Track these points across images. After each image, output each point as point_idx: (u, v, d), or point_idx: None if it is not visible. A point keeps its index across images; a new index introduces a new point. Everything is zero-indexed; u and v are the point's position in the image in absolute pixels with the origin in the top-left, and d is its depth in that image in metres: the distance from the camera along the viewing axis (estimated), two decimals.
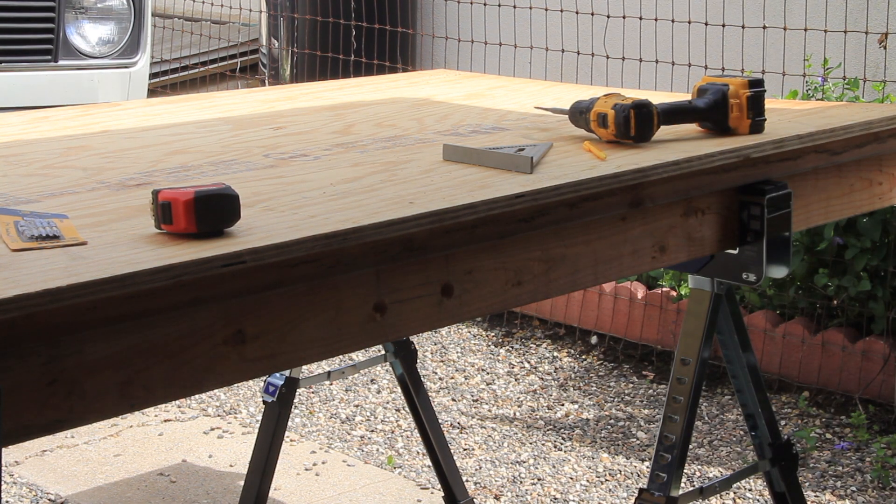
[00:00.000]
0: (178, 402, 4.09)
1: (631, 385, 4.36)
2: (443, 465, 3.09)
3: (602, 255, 1.91)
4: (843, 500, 3.50)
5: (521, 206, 1.74)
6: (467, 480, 3.57)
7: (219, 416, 4.05)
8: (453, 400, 4.23)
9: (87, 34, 4.77)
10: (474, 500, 3.34)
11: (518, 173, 1.87)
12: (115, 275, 1.35)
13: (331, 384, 4.32)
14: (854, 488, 3.56)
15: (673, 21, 4.77)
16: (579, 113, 2.15)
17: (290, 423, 3.64)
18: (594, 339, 4.70)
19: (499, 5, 5.40)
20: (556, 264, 1.84)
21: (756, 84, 2.16)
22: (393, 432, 3.95)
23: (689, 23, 4.75)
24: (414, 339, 3.35)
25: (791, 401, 4.13)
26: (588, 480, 3.62)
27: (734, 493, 3.52)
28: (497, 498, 3.51)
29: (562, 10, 5.33)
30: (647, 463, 3.72)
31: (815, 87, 4.36)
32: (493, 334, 4.88)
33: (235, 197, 1.54)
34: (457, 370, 4.52)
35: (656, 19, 4.85)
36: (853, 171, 2.33)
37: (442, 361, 4.60)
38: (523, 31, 5.46)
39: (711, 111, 2.15)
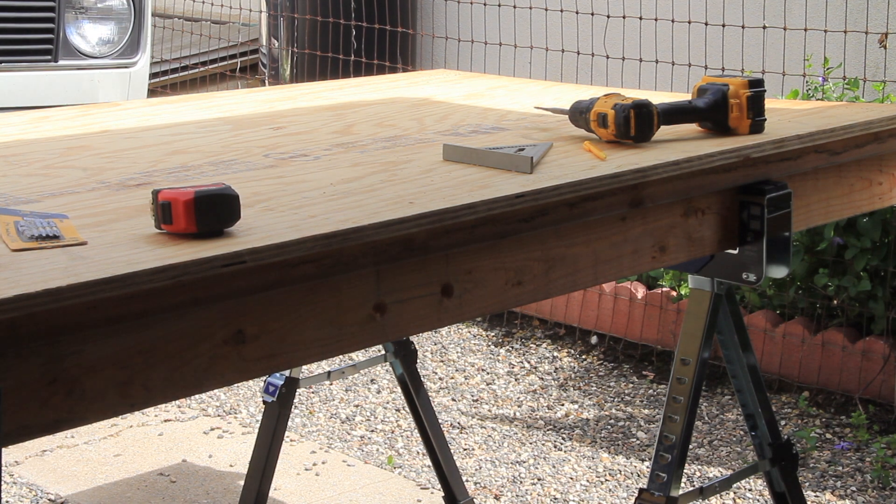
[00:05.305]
0: (178, 402, 4.09)
1: (631, 385, 4.36)
2: (443, 465, 3.09)
3: (602, 255, 1.91)
4: (843, 500, 3.50)
5: (521, 206, 1.74)
6: (467, 480, 3.57)
7: (219, 416, 4.05)
8: (453, 400, 4.23)
9: (87, 34, 4.77)
10: (474, 500, 3.34)
11: (518, 173, 1.87)
12: (115, 275, 1.35)
13: (331, 384, 4.32)
14: (854, 488, 3.56)
15: (673, 21, 4.77)
16: (579, 113, 2.15)
17: (290, 423, 3.64)
18: (594, 339, 4.70)
19: (499, 5, 5.40)
20: (556, 264, 1.84)
21: (756, 84, 2.16)
22: (393, 432, 3.95)
23: (689, 23, 4.75)
24: (414, 339, 3.35)
25: (791, 401, 4.13)
26: (588, 480, 3.62)
27: (734, 493, 3.52)
28: (497, 498, 3.51)
29: (562, 10, 5.33)
30: (647, 463, 3.72)
31: (815, 87, 4.36)
32: (493, 334, 4.88)
33: (235, 197, 1.54)
34: (457, 370, 4.52)
35: (656, 19, 4.85)
36: (853, 171, 2.33)
37: (442, 361, 4.60)
38: (523, 31, 5.46)
39: (711, 111, 2.15)
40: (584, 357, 4.62)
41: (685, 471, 3.54)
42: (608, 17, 5.03)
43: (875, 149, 2.31)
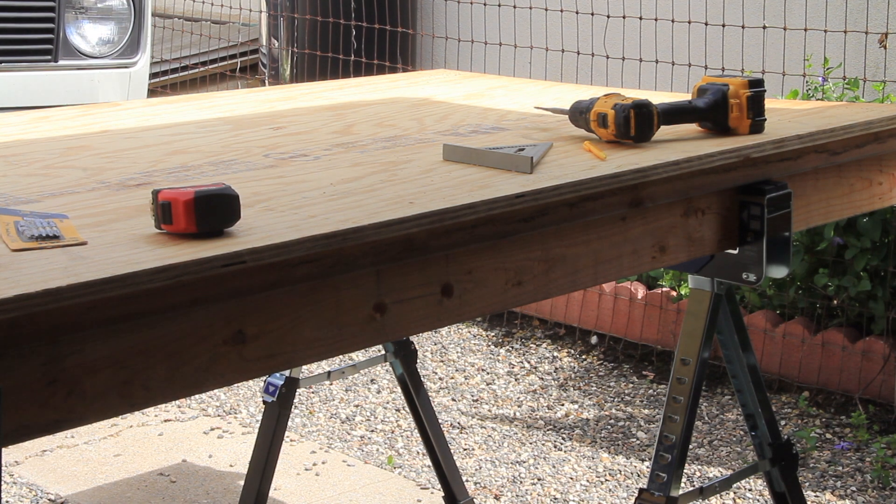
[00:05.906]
0: (178, 402, 4.09)
1: (631, 385, 4.36)
2: (443, 465, 3.09)
3: (602, 255, 1.91)
4: (843, 500, 3.50)
5: (521, 206, 1.74)
6: (467, 480, 3.57)
7: (219, 416, 4.05)
8: (453, 400, 4.23)
9: (87, 34, 4.77)
10: (474, 500, 3.34)
11: (518, 173, 1.87)
12: (115, 275, 1.35)
13: (331, 384, 4.32)
14: (854, 488, 3.56)
15: (673, 21, 4.77)
16: (579, 113, 2.15)
17: (290, 423, 3.64)
18: (594, 339, 4.70)
19: (499, 5, 5.40)
20: (556, 264, 1.84)
21: (756, 84, 2.16)
22: (393, 432, 3.95)
23: (689, 23, 4.75)
24: (414, 339, 3.35)
25: (791, 401, 4.13)
26: (588, 480, 3.62)
27: (734, 493, 3.52)
28: (497, 498, 3.51)
29: (562, 10, 5.33)
30: (647, 463, 3.72)
31: (815, 87, 4.36)
32: (493, 334, 4.88)
33: (235, 197, 1.54)
34: (457, 370, 4.52)
35: (656, 19, 4.85)
36: (853, 171, 2.33)
37: (442, 361, 4.60)
38: (523, 31, 5.46)
39: (711, 111, 2.15)
40: (584, 357, 4.62)
41: (685, 471, 3.54)
42: (608, 17, 5.03)
43: (875, 149, 2.31)
